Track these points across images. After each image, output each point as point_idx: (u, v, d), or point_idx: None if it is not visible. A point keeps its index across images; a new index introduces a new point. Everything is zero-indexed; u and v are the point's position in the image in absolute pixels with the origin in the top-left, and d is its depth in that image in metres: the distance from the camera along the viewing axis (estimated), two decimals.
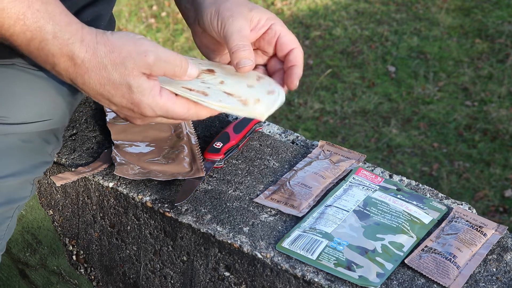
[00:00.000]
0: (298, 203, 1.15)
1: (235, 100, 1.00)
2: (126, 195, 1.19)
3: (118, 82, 0.94)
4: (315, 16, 4.79)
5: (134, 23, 4.90)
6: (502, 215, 3.17)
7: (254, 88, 1.04)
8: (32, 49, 0.92)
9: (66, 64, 0.92)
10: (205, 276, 1.16)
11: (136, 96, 0.95)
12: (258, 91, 1.03)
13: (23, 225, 1.40)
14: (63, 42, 0.91)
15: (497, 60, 4.22)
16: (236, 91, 1.01)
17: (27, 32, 0.90)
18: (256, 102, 1.01)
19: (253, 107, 1.00)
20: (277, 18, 1.10)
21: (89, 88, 0.95)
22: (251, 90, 1.03)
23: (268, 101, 1.02)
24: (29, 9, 0.89)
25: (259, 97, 1.02)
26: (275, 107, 1.03)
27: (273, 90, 1.05)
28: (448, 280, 1.02)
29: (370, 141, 3.67)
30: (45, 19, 0.90)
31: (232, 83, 1.03)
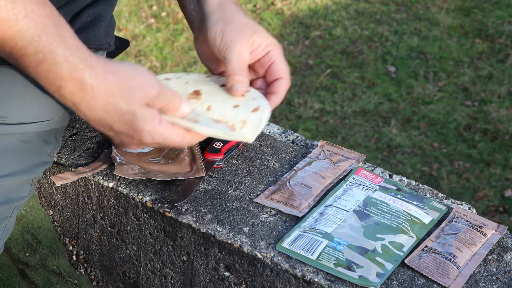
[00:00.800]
0: (298, 203, 1.15)
1: (223, 126, 1.05)
2: (126, 195, 1.19)
3: (124, 110, 0.98)
4: (315, 16, 4.79)
5: (134, 23, 4.90)
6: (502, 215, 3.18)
7: (239, 108, 1.08)
8: (40, 70, 0.93)
9: (74, 88, 0.95)
10: (205, 276, 1.16)
11: (139, 124, 0.99)
12: (243, 111, 1.08)
13: (23, 225, 1.40)
14: (74, 66, 0.94)
15: (497, 60, 4.22)
16: (223, 115, 1.07)
17: (40, 54, 0.92)
18: (243, 124, 1.05)
19: (241, 132, 1.05)
20: (277, 45, 1.15)
21: (91, 113, 0.98)
22: (236, 111, 1.07)
23: (254, 121, 1.06)
24: (43, 32, 0.91)
25: (245, 118, 1.06)
26: (262, 126, 1.07)
27: (257, 107, 1.08)
28: (448, 280, 1.02)
29: (370, 141, 3.68)
30: (58, 43, 0.92)
31: (218, 107, 1.08)
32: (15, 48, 0.92)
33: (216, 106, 1.08)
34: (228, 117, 1.06)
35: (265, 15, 4.87)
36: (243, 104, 1.09)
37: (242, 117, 1.06)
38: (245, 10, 4.93)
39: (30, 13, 0.91)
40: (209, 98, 1.10)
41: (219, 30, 1.11)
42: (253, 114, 1.07)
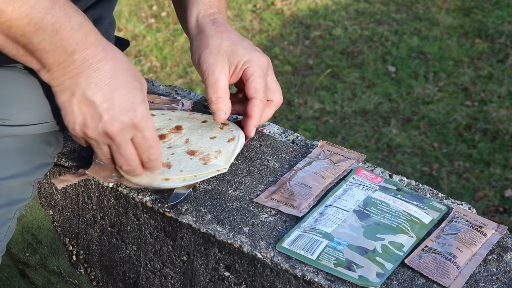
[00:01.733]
0: (298, 203, 1.15)
1: (196, 161, 1.15)
2: (126, 195, 1.19)
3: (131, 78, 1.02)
4: (315, 16, 4.79)
5: (134, 23, 4.90)
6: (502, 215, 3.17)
7: (215, 140, 1.19)
8: (56, 40, 0.96)
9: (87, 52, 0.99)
10: (205, 276, 1.16)
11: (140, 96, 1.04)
12: (219, 142, 1.19)
13: (23, 225, 1.40)
14: (89, 31, 0.99)
15: (497, 60, 4.22)
16: (199, 147, 1.18)
17: (56, 24, 0.95)
18: (218, 154, 1.17)
19: (214, 163, 1.15)
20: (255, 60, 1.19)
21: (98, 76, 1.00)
22: (212, 142, 1.19)
23: (228, 150, 1.17)
24: (57, 3, 0.95)
25: (219, 148, 1.18)
26: (235, 154, 1.17)
27: (233, 137, 1.19)
28: (448, 280, 1.02)
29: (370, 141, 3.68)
30: (72, 12, 0.97)
31: (196, 139, 1.19)
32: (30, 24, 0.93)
33: (194, 139, 1.19)
34: (204, 148, 1.17)
35: (265, 15, 4.87)
36: (220, 135, 1.20)
37: (217, 148, 1.17)
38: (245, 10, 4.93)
39: None
40: (189, 132, 1.21)
41: (197, 57, 1.19)
42: (228, 144, 1.18)
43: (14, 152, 1.08)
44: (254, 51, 1.19)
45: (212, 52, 1.17)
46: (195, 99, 1.42)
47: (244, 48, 1.17)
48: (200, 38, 1.20)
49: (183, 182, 1.15)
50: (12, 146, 1.08)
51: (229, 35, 1.19)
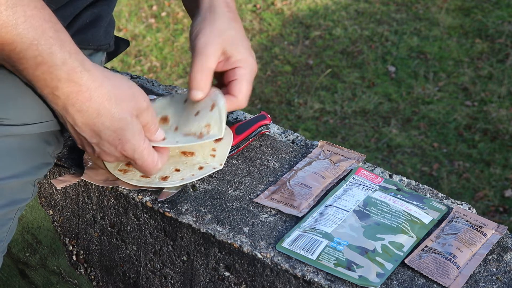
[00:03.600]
0: (298, 203, 1.15)
1: (192, 137, 1.12)
2: (126, 195, 1.19)
3: (117, 116, 1.00)
4: (315, 16, 4.79)
5: (134, 23, 4.90)
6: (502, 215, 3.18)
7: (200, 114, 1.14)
8: (38, 72, 0.96)
9: (70, 90, 0.97)
10: (205, 276, 1.16)
11: (127, 134, 1.02)
12: (204, 115, 1.14)
13: (23, 225, 1.40)
14: (72, 69, 0.96)
15: (497, 60, 4.22)
16: (189, 129, 1.13)
17: (39, 57, 0.94)
18: (208, 128, 1.12)
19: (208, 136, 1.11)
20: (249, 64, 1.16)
21: (83, 116, 1.00)
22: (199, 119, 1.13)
23: (215, 119, 1.12)
24: (43, 36, 0.93)
25: (207, 121, 1.13)
26: (224, 118, 1.12)
27: (213, 103, 1.14)
28: (448, 280, 1.02)
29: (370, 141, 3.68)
30: (57, 46, 0.95)
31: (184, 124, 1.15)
32: (14, 52, 0.93)
33: (182, 124, 1.15)
34: (194, 129, 1.13)
35: (265, 15, 4.87)
36: (202, 107, 1.14)
37: (205, 122, 1.13)
38: (245, 10, 4.93)
39: (29, 18, 0.92)
40: (175, 119, 1.16)
41: (196, 30, 1.14)
42: (212, 113, 1.13)
43: (14, 152, 1.08)
44: (251, 55, 1.17)
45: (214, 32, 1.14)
46: None
47: (244, 48, 1.16)
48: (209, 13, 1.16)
49: (181, 182, 1.15)
50: (13, 145, 1.08)
51: (236, 25, 1.17)
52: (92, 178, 1.18)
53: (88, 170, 1.19)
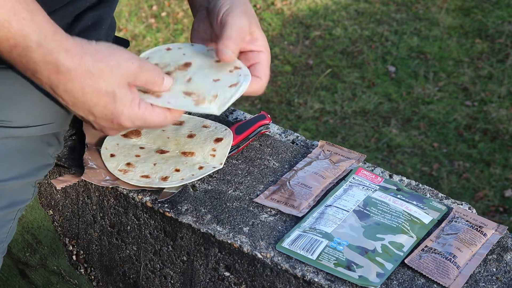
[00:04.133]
0: (298, 203, 1.15)
1: (189, 100, 1.04)
2: (126, 195, 1.19)
3: (103, 91, 0.96)
4: (315, 16, 4.79)
5: (134, 23, 4.90)
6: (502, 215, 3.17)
7: (218, 83, 1.06)
8: (14, 55, 0.92)
9: (49, 72, 0.94)
10: (205, 276, 1.16)
11: (118, 107, 0.98)
12: (221, 85, 1.06)
13: (23, 225, 1.40)
14: (48, 51, 0.92)
15: (497, 60, 4.22)
16: (197, 89, 1.05)
17: (11, 40, 0.90)
18: (214, 98, 1.04)
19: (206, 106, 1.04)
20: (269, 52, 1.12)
21: (70, 96, 0.96)
22: (214, 85, 1.06)
23: (225, 96, 1.05)
24: (15, 17, 0.90)
25: (217, 92, 1.05)
26: (231, 101, 1.05)
27: (236, 83, 1.06)
28: (448, 280, 1.02)
29: (370, 141, 3.67)
30: (31, 28, 0.91)
31: (198, 80, 1.07)
32: None
33: (197, 79, 1.07)
34: (202, 91, 1.05)
35: (265, 15, 4.87)
36: (225, 78, 1.07)
37: (216, 92, 1.05)
38: None
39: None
40: (195, 71, 1.09)
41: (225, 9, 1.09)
42: (228, 90, 1.06)
43: (15, 153, 1.08)
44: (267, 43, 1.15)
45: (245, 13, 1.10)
46: None
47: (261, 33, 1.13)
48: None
49: (181, 182, 1.15)
50: (13, 147, 1.08)
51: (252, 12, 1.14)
52: (92, 178, 1.18)
53: (88, 170, 1.19)
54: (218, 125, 1.27)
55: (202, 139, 1.24)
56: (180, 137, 1.24)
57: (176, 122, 1.28)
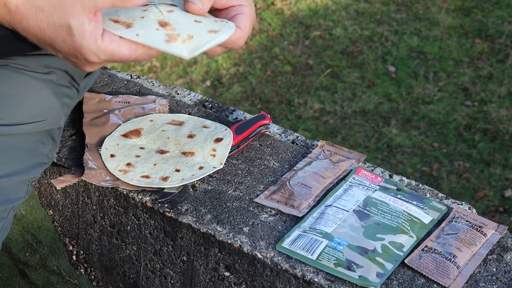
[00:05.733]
0: (298, 203, 1.15)
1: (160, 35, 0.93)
2: (126, 195, 1.19)
3: (58, 24, 0.90)
4: (315, 16, 4.79)
5: None
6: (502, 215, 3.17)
7: (200, 24, 0.97)
8: None
9: (2, 11, 0.90)
10: (205, 276, 1.16)
11: (77, 40, 0.91)
12: (199, 28, 0.96)
13: (23, 225, 1.40)
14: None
15: (497, 60, 4.22)
16: (175, 22, 0.95)
17: None
18: (188, 39, 0.94)
19: (176, 46, 0.93)
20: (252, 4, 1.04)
21: (31, 35, 0.92)
22: (192, 25, 0.96)
23: (200, 40, 0.94)
24: None
25: (193, 33, 0.95)
26: (205, 48, 0.94)
27: (218, 29, 0.97)
28: (448, 280, 1.02)
29: (370, 141, 3.67)
30: None
31: (178, 15, 0.97)
32: None
33: (178, 13, 0.97)
34: (179, 26, 0.95)
35: (265, 15, 4.86)
36: (207, 22, 0.98)
37: (192, 32, 0.95)
38: None
39: None
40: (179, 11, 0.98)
41: None
42: (206, 34, 0.96)
43: (6, 150, 1.08)
44: None
45: None
46: (195, 99, 1.42)
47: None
48: None
49: (181, 182, 1.15)
50: (5, 145, 1.07)
51: None
52: (92, 179, 1.18)
53: (88, 171, 1.19)
54: (218, 125, 1.28)
55: (202, 139, 1.24)
56: (180, 137, 1.24)
57: (176, 123, 1.28)
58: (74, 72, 1.17)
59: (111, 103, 1.35)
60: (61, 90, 1.14)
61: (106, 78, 1.46)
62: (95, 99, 1.35)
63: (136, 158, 1.20)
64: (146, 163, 1.19)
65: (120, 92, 1.41)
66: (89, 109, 1.33)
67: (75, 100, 1.21)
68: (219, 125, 1.28)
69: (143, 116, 1.31)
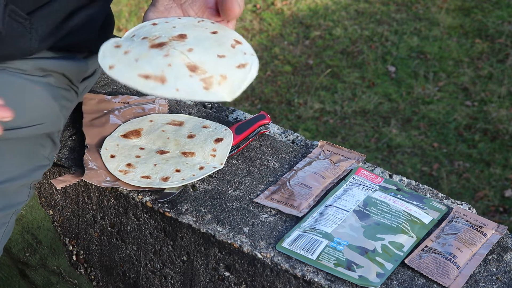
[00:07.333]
0: (298, 203, 1.15)
1: (196, 81, 0.92)
2: (126, 195, 1.19)
3: None
4: (315, 16, 4.79)
5: (134, 23, 4.89)
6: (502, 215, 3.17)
7: (225, 59, 0.96)
8: None
9: None
10: (205, 276, 1.16)
11: None
12: (227, 64, 0.95)
13: (23, 225, 1.40)
14: None
15: (497, 60, 4.22)
16: (202, 62, 0.94)
17: None
18: (222, 80, 0.93)
19: (216, 91, 0.92)
20: None
21: None
22: (219, 62, 0.95)
23: (234, 79, 0.94)
24: None
25: (226, 72, 0.94)
26: (243, 88, 0.94)
27: (245, 63, 0.96)
28: (448, 280, 1.02)
29: (370, 141, 3.67)
30: None
31: (200, 52, 0.96)
32: None
33: (199, 50, 0.95)
34: (208, 66, 0.94)
35: (265, 15, 4.86)
36: (230, 56, 0.96)
37: (224, 71, 0.94)
38: (245, 10, 4.93)
39: None
40: (194, 42, 0.97)
41: None
42: (238, 71, 0.95)
43: (6, 155, 1.07)
44: None
45: None
46: None
47: None
48: None
49: (182, 182, 1.15)
50: (5, 149, 1.07)
51: None
52: (93, 179, 1.18)
53: (89, 171, 1.19)
54: (218, 125, 1.27)
55: (202, 139, 1.24)
56: (180, 138, 1.24)
57: (176, 123, 1.28)
58: (72, 75, 1.16)
59: (110, 103, 1.35)
60: (59, 92, 1.14)
61: (106, 78, 1.46)
62: (95, 99, 1.35)
63: (136, 159, 1.20)
64: (146, 163, 1.19)
65: (120, 93, 1.41)
66: (88, 109, 1.33)
67: (74, 102, 1.21)
68: (219, 125, 1.28)
69: (143, 116, 1.31)
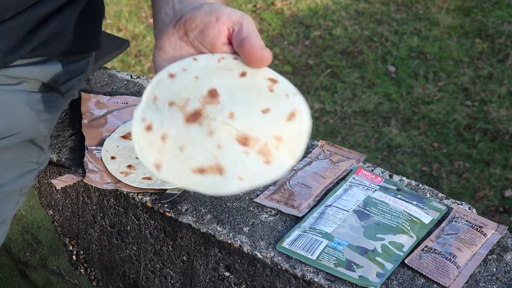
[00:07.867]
0: (298, 203, 1.15)
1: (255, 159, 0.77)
2: (126, 195, 1.19)
3: None
4: (315, 16, 4.79)
5: (134, 23, 4.89)
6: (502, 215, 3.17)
7: (270, 114, 0.80)
8: None
9: None
10: (205, 276, 1.16)
11: None
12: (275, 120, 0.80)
13: (23, 225, 1.40)
14: None
15: (497, 60, 4.22)
16: (251, 128, 0.78)
17: None
18: (278, 143, 0.78)
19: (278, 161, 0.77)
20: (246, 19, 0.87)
21: None
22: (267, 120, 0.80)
23: (290, 136, 0.79)
24: None
25: (278, 132, 0.78)
26: (303, 145, 0.78)
27: (293, 111, 0.81)
28: (448, 280, 1.02)
29: (370, 141, 3.67)
30: None
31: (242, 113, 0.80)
32: None
33: (240, 112, 0.80)
34: (258, 131, 0.78)
35: (265, 15, 4.87)
36: (274, 106, 0.81)
37: (275, 131, 0.78)
38: (245, 10, 4.93)
39: None
40: (229, 98, 0.81)
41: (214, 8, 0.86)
42: (289, 124, 0.79)
43: None
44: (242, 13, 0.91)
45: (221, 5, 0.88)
46: None
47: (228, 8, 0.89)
48: None
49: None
50: None
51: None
52: (94, 181, 1.18)
53: (90, 173, 1.19)
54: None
55: None
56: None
57: None
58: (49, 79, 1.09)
59: (109, 104, 1.35)
60: (34, 97, 1.08)
61: (106, 78, 1.46)
62: (93, 100, 1.35)
63: (137, 160, 1.20)
64: None
65: (120, 93, 1.41)
66: (87, 110, 1.33)
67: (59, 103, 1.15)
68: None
69: None
